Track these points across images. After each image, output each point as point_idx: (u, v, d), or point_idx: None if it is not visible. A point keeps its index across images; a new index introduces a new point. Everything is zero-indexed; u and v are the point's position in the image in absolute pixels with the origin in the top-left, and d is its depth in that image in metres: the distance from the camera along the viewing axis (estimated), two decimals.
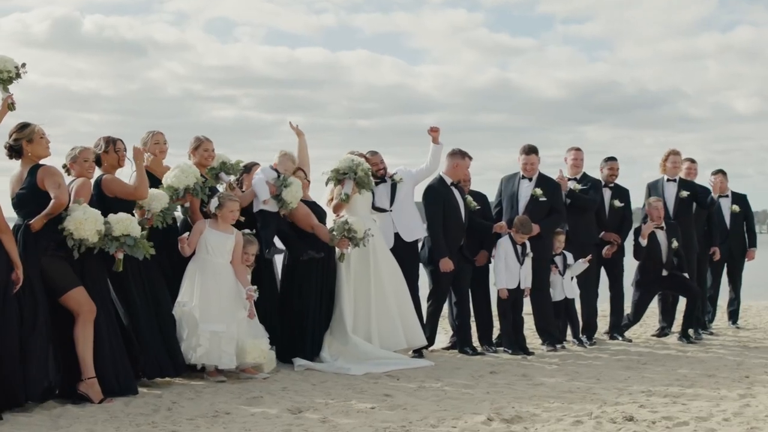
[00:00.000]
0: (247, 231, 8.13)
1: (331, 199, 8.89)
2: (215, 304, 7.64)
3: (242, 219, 8.20)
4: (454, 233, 9.14)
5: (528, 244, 9.38)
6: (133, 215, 7.33)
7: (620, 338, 10.21)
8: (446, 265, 8.97)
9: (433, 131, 9.05)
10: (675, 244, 10.08)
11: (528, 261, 9.35)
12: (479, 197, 9.69)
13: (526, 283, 9.39)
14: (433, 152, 9.14)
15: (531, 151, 9.56)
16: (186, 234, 7.85)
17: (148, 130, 8.02)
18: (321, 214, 8.78)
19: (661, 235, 10.12)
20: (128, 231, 6.85)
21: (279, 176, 8.32)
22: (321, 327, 8.49)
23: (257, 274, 8.34)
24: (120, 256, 6.88)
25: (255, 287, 7.75)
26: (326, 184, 8.79)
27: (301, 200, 8.57)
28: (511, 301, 9.36)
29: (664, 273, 10.14)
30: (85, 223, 6.65)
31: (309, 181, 8.78)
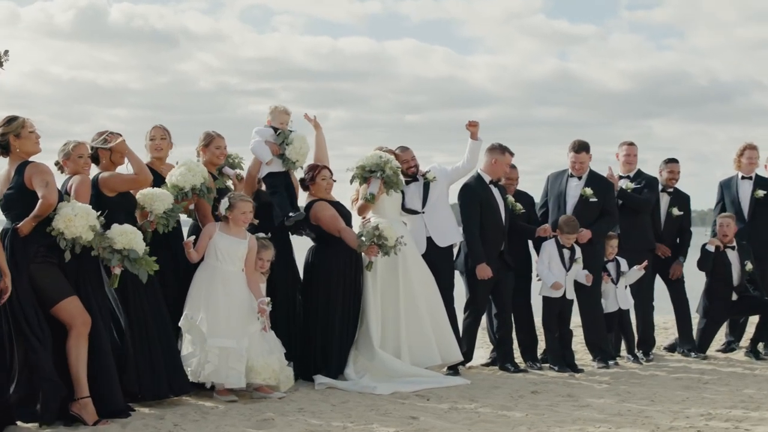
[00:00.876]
0: (261, 234, 7.76)
1: (356, 199, 8.52)
2: (224, 316, 7.29)
3: (256, 222, 7.79)
4: (493, 237, 8.70)
5: (577, 249, 8.88)
6: (134, 219, 7.08)
7: (692, 354, 9.68)
8: (484, 272, 8.54)
9: (472, 126, 8.60)
10: (749, 266, 9.55)
11: (576, 267, 8.86)
12: (525, 199, 9.27)
13: (572, 293, 8.93)
14: (471, 148, 8.69)
15: (581, 148, 9.08)
16: (192, 238, 7.48)
17: (177, 125, 7.79)
18: (346, 216, 8.37)
19: (733, 256, 9.62)
20: (131, 245, 6.55)
21: (277, 132, 8.00)
22: (347, 342, 8.14)
23: (275, 279, 7.99)
24: (117, 271, 6.58)
25: (268, 299, 7.37)
26: (351, 182, 8.40)
27: (326, 201, 8.21)
28: (557, 312, 8.87)
29: (734, 297, 9.63)
30: (75, 219, 6.35)
31: (334, 180, 8.37)
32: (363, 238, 7.83)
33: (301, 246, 8.46)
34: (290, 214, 7.85)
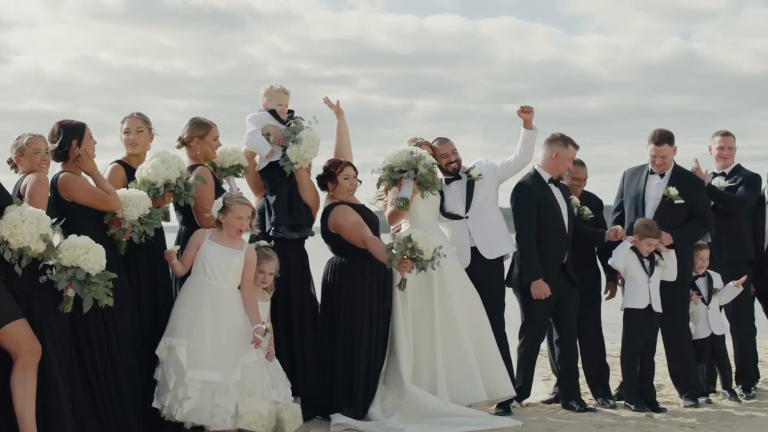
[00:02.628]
0: (263, 243, 7.10)
1: (377, 200, 7.87)
2: (211, 343, 6.64)
3: (257, 231, 7.15)
4: (554, 247, 7.89)
5: (660, 256, 8.05)
6: (105, 227, 6.57)
7: None
8: (540, 289, 7.75)
9: (524, 111, 7.78)
10: None
11: (660, 273, 8.02)
12: (592, 201, 8.45)
13: (659, 304, 8.05)
14: (525, 139, 7.89)
15: (663, 139, 8.17)
16: (176, 247, 6.83)
17: (243, 117, 7.53)
18: (373, 223, 7.61)
19: None
20: (77, 262, 5.94)
21: (286, 122, 7.39)
22: (374, 375, 7.48)
23: (285, 296, 7.31)
24: (70, 293, 6.01)
25: (266, 326, 6.70)
26: (378, 186, 7.70)
27: (349, 204, 7.49)
28: (642, 331, 8.05)
29: None
30: (23, 226, 5.83)
31: (359, 181, 7.63)
32: (394, 251, 7.05)
33: (320, 257, 7.67)
34: (282, 231, 7.25)
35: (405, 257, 7.04)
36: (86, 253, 5.97)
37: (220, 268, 6.71)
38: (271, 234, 7.23)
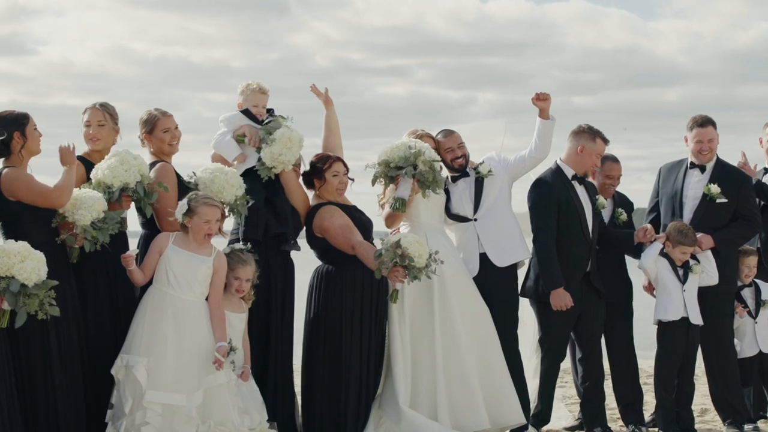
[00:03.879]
0: (238, 246, 6.77)
1: (382, 205, 7.45)
2: (173, 362, 6.32)
3: (226, 235, 6.76)
4: (576, 252, 7.48)
5: (696, 260, 7.62)
6: (55, 230, 6.23)
7: None
8: (561, 299, 7.34)
9: (539, 99, 7.38)
10: None
11: (698, 280, 7.59)
12: (624, 204, 8.07)
13: (697, 315, 7.58)
14: (541, 130, 7.48)
15: (708, 121, 7.75)
16: (134, 251, 6.45)
17: (289, 111, 7.17)
18: (365, 226, 7.22)
19: None
20: (11, 272, 5.67)
21: (264, 121, 7.03)
22: (367, 398, 7.12)
23: (264, 307, 6.94)
24: (5, 306, 5.74)
25: (231, 346, 6.36)
26: (373, 183, 7.32)
27: (338, 205, 7.10)
28: (678, 349, 7.59)
29: None
30: None
31: (351, 179, 7.24)
32: (383, 257, 6.63)
33: (306, 262, 7.32)
34: (245, 247, 6.77)
35: (395, 265, 6.63)
36: (22, 262, 5.67)
37: (185, 277, 6.37)
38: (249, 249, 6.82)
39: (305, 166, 7.20)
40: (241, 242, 6.82)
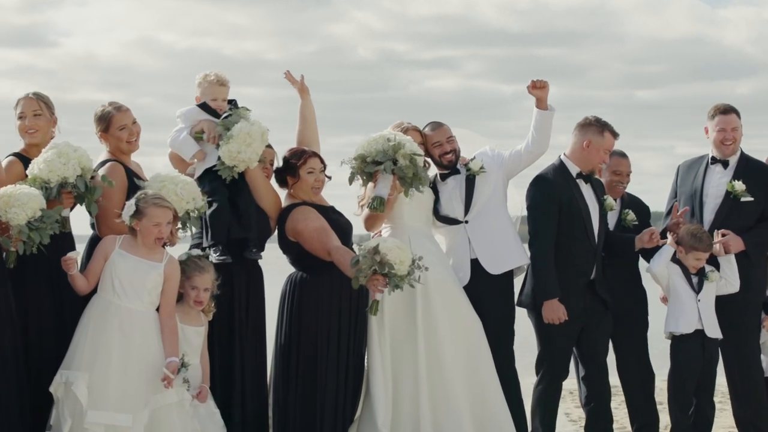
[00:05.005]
0: (195, 252, 6.45)
1: (363, 206, 7.13)
2: (118, 379, 6.04)
3: (176, 239, 6.32)
4: (579, 258, 7.12)
5: (716, 267, 7.27)
6: None
7: None
8: (553, 312, 6.99)
9: (536, 87, 7.01)
10: None
11: (715, 288, 7.22)
12: (638, 207, 7.69)
13: (714, 328, 7.20)
14: (538, 122, 7.11)
15: (730, 108, 7.41)
16: (75, 254, 6.15)
17: (329, 108, 6.67)
18: (344, 228, 6.91)
19: None
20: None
21: (224, 115, 6.68)
22: (344, 419, 6.83)
23: (226, 320, 6.59)
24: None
25: (183, 362, 6.05)
26: (350, 181, 6.98)
27: (313, 205, 6.79)
28: (694, 365, 7.19)
29: None
30: None
31: (328, 177, 6.94)
32: (360, 264, 6.29)
33: (280, 269, 6.99)
34: (214, 255, 6.43)
35: (374, 273, 6.28)
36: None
37: (133, 285, 6.08)
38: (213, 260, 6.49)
39: (278, 162, 6.87)
40: (211, 249, 6.47)
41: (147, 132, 6.68)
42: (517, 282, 7.24)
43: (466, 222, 7.13)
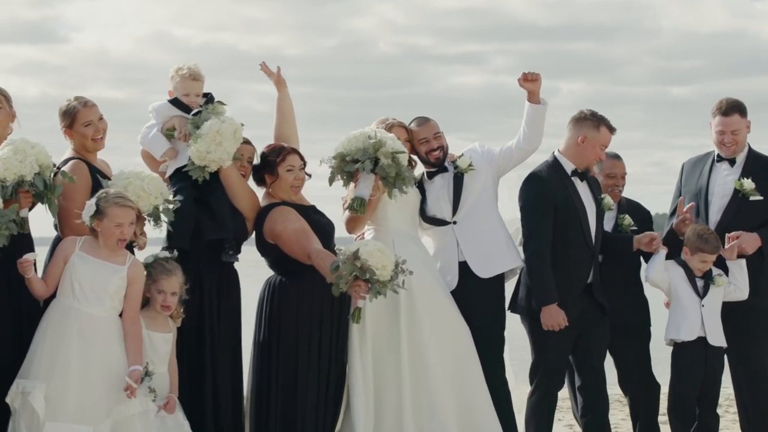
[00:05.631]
0: (163, 254, 6.25)
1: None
2: (77, 388, 5.85)
3: (141, 242, 6.17)
4: (576, 261, 6.91)
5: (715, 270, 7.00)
6: None
7: None
8: (552, 318, 6.75)
9: (527, 80, 6.82)
10: None
11: (721, 294, 6.96)
12: (638, 213, 7.48)
13: (718, 335, 6.95)
14: (530, 117, 6.92)
15: (732, 108, 7.12)
16: (31, 256, 5.91)
17: (349, 105, 6.54)
18: (326, 230, 6.68)
19: None
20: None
21: (194, 112, 6.45)
22: None
23: (195, 326, 6.39)
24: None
25: (147, 370, 5.86)
26: (330, 182, 6.77)
27: (293, 205, 6.57)
28: (696, 373, 6.96)
29: None
30: None
31: (308, 175, 6.74)
32: (341, 269, 6.09)
33: (259, 272, 6.82)
34: (170, 255, 6.22)
35: (356, 279, 6.06)
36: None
37: (94, 289, 5.89)
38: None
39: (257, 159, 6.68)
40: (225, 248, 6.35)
41: None
42: (509, 286, 7.04)
43: (454, 223, 6.94)
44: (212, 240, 6.30)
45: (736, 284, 6.89)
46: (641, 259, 7.21)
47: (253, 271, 6.93)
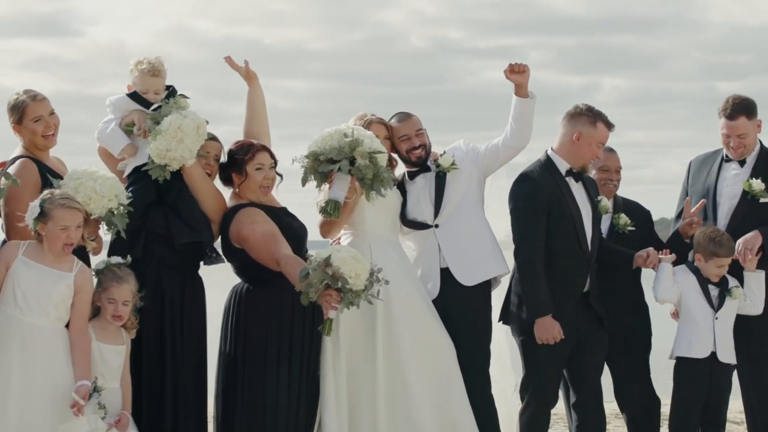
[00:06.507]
0: (115, 260, 6.02)
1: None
2: (19, 404, 5.69)
3: (91, 248, 5.97)
4: (571, 268, 6.68)
5: (731, 279, 6.72)
6: None
7: None
8: (546, 330, 6.50)
9: (514, 72, 6.55)
10: None
11: (735, 307, 6.69)
12: (637, 213, 7.19)
13: (729, 352, 6.68)
14: (517, 112, 6.63)
15: (738, 110, 6.83)
16: None
17: (377, 101, 6.40)
18: (298, 234, 6.43)
19: None
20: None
21: (154, 107, 6.23)
22: None
23: (155, 338, 6.19)
24: None
25: (96, 386, 5.66)
26: (303, 182, 6.50)
27: (262, 207, 6.31)
28: (701, 391, 6.68)
29: None
30: None
31: (279, 175, 6.48)
32: (311, 277, 5.85)
33: (225, 278, 6.53)
34: (123, 261, 6.00)
35: (327, 288, 5.81)
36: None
37: (38, 298, 5.71)
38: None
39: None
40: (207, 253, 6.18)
41: None
42: (498, 295, 6.77)
43: (436, 226, 6.68)
44: (185, 244, 6.07)
45: (751, 298, 6.62)
46: None
47: (218, 277, 6.63)
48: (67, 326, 5.71)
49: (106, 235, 6.02)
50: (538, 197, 6.56)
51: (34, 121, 6.00)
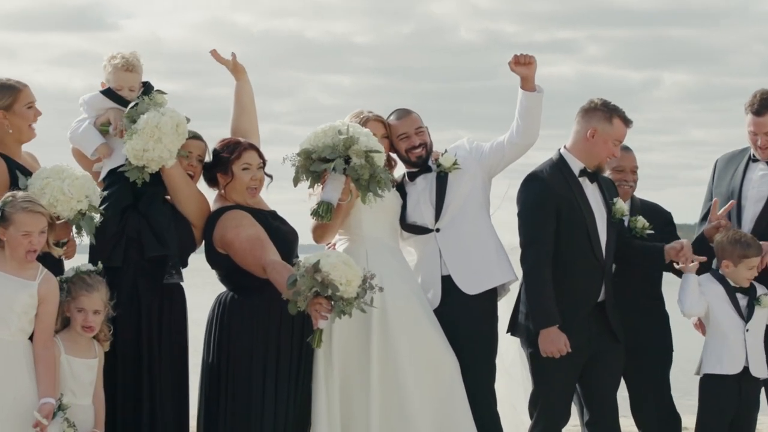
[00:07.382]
0: (86, 267, 5.79)
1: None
2: None
3: (59, 253, 5.67)
4: (584, 276, 6.37)
5: (759, 287, 6.44)
6: None
7: None
8: (551, 343, 6.17)
9: (519, 63, 6.26)
10: None
11: (764, 316, 6.45)
12: (656, 215, 6.89)
13: (761, 366, 6.41)
14: (524, 107, 6.35)
15: (765, 107, 6.52)
16: None
17: (425, 98, 6.28)
18: (287, 239, 6.21)
19: None
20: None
21: (132, 104, 6.00)
22: None
23: (131, 350, 5.98)
24: None
25: (61, 404, 5.41)
26: (295, 183, 6.25)
27: (248, 210, 6.10)
28: (730, 408, 6.35)
29: None
30: None
31: (269, 176, 6.28)
32: (299, 285, 5.61)
33: (211, 286, 6.35)
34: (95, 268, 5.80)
35: (316, 295, 5.57)
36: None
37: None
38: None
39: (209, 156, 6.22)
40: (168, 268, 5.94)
41: (220, 128, 5.48)
42: (506, 303, 6.47)
43: (437, 230, 6.42)
44: (155, 257, 5.83)
45: None
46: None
47: (201, 281, 6.28)
48: (31, 339, 5.42)
49: (81, 240, 5.77)
50: (548, 199, 6.26)
51: (27, 106, 5.78)
